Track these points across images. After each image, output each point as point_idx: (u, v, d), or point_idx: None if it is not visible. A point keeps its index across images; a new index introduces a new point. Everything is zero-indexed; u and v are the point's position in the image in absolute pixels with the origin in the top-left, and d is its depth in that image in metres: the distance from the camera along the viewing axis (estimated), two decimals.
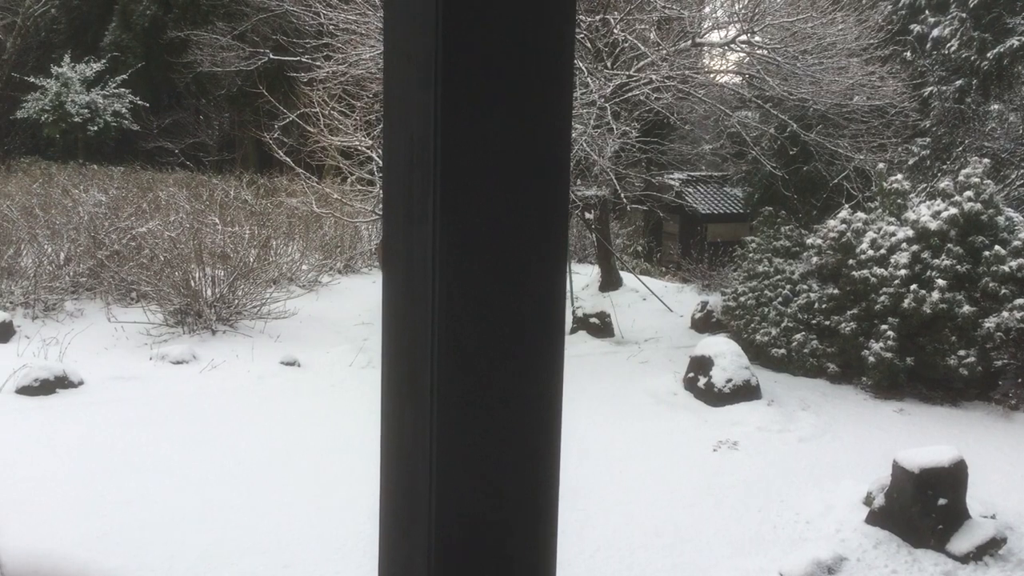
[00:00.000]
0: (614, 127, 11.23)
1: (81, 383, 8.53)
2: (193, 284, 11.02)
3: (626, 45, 11.80)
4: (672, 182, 18.98)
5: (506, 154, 0.86)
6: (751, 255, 11.62)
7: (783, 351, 10.16)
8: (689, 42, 12.08)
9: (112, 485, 6.18)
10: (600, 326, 11.72)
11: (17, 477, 6.26)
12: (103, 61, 29.52)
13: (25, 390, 8.15)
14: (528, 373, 0.92)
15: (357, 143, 12.33)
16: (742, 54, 13.29)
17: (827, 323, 10.00)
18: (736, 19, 12.45)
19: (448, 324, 0.87)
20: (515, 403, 0.92)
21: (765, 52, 12.44)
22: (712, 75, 14.17)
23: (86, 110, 28.82)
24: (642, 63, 11.71)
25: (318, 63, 13.15)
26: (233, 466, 6.64)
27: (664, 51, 11.74)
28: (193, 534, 5.45)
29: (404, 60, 0.89)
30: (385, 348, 0.99)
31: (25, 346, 9.72)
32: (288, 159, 13.26)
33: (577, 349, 10.69)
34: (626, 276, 14.62)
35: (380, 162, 12.29)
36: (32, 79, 29.22)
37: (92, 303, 11.83)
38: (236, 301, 11.28)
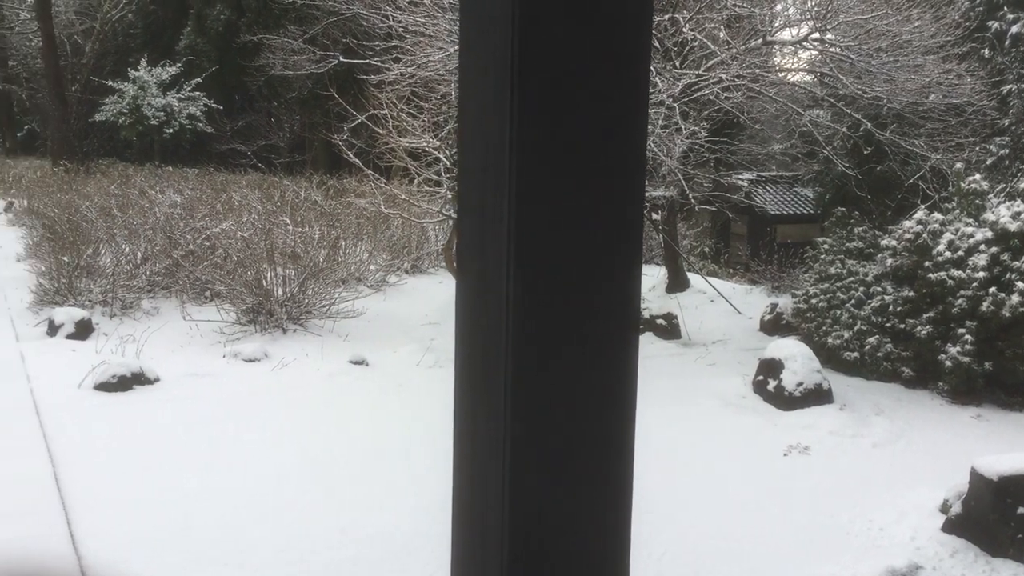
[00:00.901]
0: (682, 127, 11.13)
1: (157, 380, 8.73)
2: (265, 283, 11.21)
3: (695, 44, 11.69)
4: (741, 182, 18.74)
5: (582, 155, 0.85)
6: (823, 256, 11.41)
7: (856, 354, 9.96)
8: (760, 40, 11.92)
9: (186, 479, 6.32)
10: (667, 327, 11.63)
11: (96, 471, 6.44)
12: (178, 65, 30.23)
13: (103, 386, 8.38)
14: (602, 374, 0.92)
15: (425, 144, 12.41)
16: (814, 52, 13.07)
17: (902, 326, 9.77)
18: (808, 16, 12.25)
19: (522, 325, 0.87)
20: (589, 404, 0.91)
21: (838, 50, 12.21)
22: (783, 73, 13.96)
23: (162, 113, 29.53)
24: (711, 62, 11.59)
25: (387, 65, 13.28)
26: (303, 463, 6.74)
27: (734, 50, 11.60)
28: (264, 530, 5.54)
29: (480, 62, 0.89)
30: (458, 348, 0.99)
31: (103, 343, 9.99)
32: (357, 160, 13.42)
33: (644, 351, 10.54)
34: (693, 277, 14.48)
35: (447, 163, 12.37)
36: (110, 83, 30.04)
37: (168, 302, 12.13)
38: (306, 300, 11.45)
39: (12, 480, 6.17)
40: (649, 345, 11.04)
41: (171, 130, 29.75)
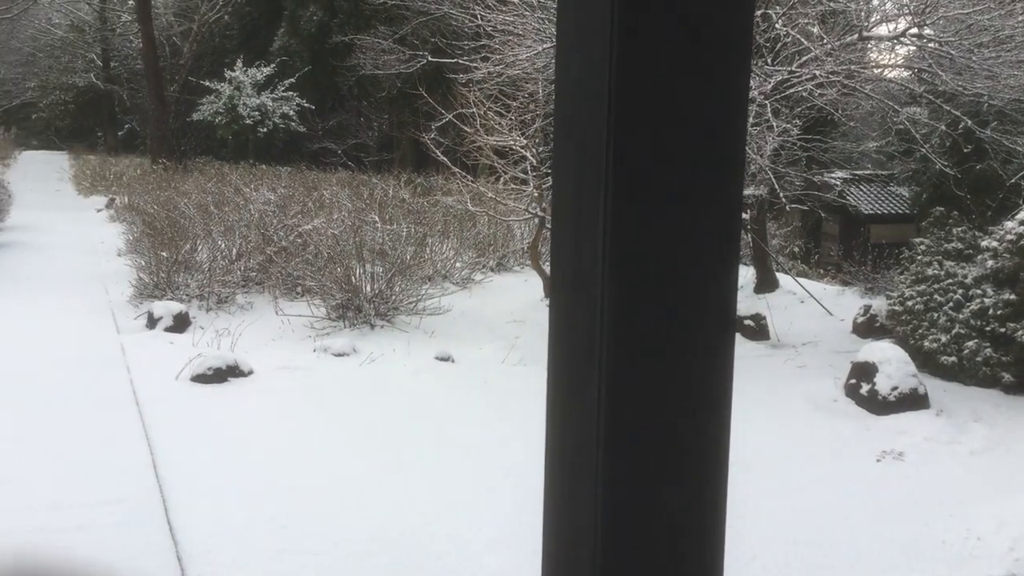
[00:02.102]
0: (774, 124, 10.94)
1: (251, 372, 8.96)
2: (354, 280, 11.40)
3: (788, 40, 11.47)
4: (834, 181, 18.34)
5: (680, 155, 0.84)
6: (920, 257, 11.08)
7: (953, 359, 9.65)
8: (856, 36, 11.63)
9: (279, 471, 6.47)
10: (755, 328, 11.45)
11: (192, 460, 6.64)
12: (272, 65, 30.89)
13: (199, 378, 8.63)
14: (698, 374, 0.90)
15: (512, 142, 12.47)
16: (912, 48, 12.70)
17: (1003, 330, 9.43)
18: (906, 11, 11.91)
19: (617, 324, 0.86)
20: (684, 405, 0.91)
21: (937, 45, 11.84)
22: (879, 70, 13.61)
23: (256, 112, 30.23)
24: (804, 58, 11.35)
25: (475, 64, 13.37)
26: (391, 457, 6.84)
27: (828, 45, 11.35)
28: (354, 521, 5.64)
29: (576, 61, 0.89)
30: (552, 345, 0.99)
31: (200, 336, 10.30)
32: (445, 159, 13.55)
33: None
34: (782, 278, 14.22)
35: (534, 161, 12.39)
36: (207, 83, 30.88)
37: (261, 296, 12.43)
38: (393, 297, 11.60)
39: (113, 468, 6.41)
40: (737, 346, 10.70)
41: (265, 129, 30.44)
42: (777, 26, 11.35)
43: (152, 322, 10.86)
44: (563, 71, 0.94)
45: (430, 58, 17.48)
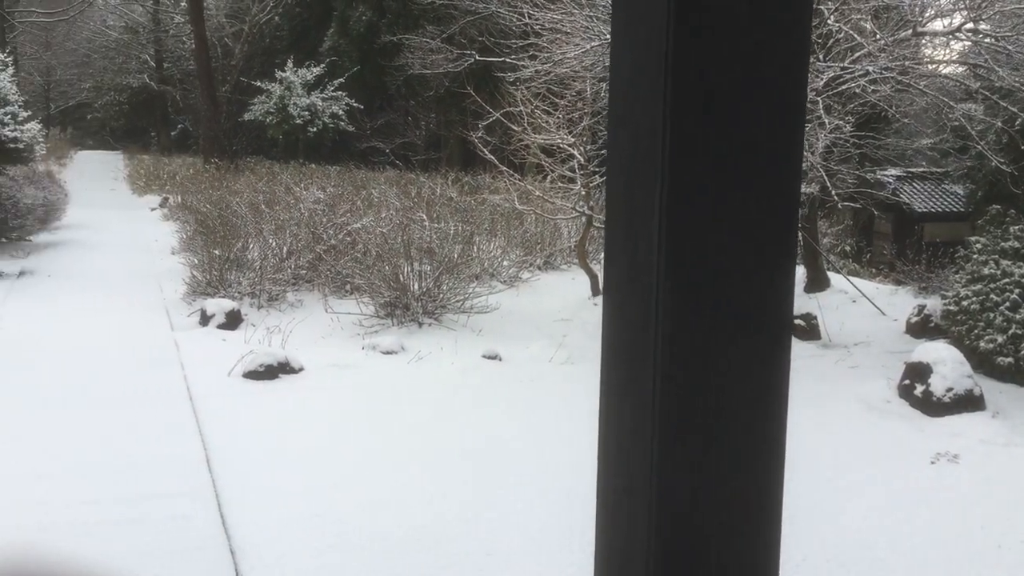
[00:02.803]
0: (826, 121, 10.80)
1: (301, 369, 9.06)
2: (402, 278, 11.47)
3: (840, 36, 11.31)
4: (887, 179, 18.05)
5: (737, 153, 0.84)
6: (975, 256, 10.86)
7: (1010, 360, 9.45)
8: (909, 31, 11.44)
9: (329, 467, 6.54)
10: (806, 328, 11.31)
11: (245, 455, 6.73)
12: (322, 65, 31.18)
13: (251, 374, 8.75)
14: (753, 373, 0.90)
15: (559, 141, 12.46)
16: (967, 43, 12.45)
17: None
18: (961, 6, 11.68)
19: (672, 320, 0.85)
20: (739, 404, 0.90)
21: (993, 40, 11.60)
22: (934, 66, 13.36)
23: (306, 112, 30.55)
24: (857, 54, 11.19)
25: (523, 63, 13.38)
26: (438, 455, 6.87)
27: (882, 41, 11.17)
28: (398, 518, 5.68)
29: (632, 56, 0.88)
30: (605, 344, 0.98)
31: (251, 333, 10.44)
32: (492, 157, 13.58)
33: None
34: (834, 277, 14.02)
35: (581, 159, 12.37)
36: (258, 83, 31.25)
37: (311, 294, 12.57)
38: (441, 295, 11.66)
39: (168, 462, 6.52)
40: None
41: (315, 129, 30.76)
42: (829, 22, 11.19)
43: (205, 319, 11.04)
44: (617, 67, 0.94)
45: (478, 57, 17.52)
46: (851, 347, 10.83)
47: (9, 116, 14.65)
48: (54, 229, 19.50)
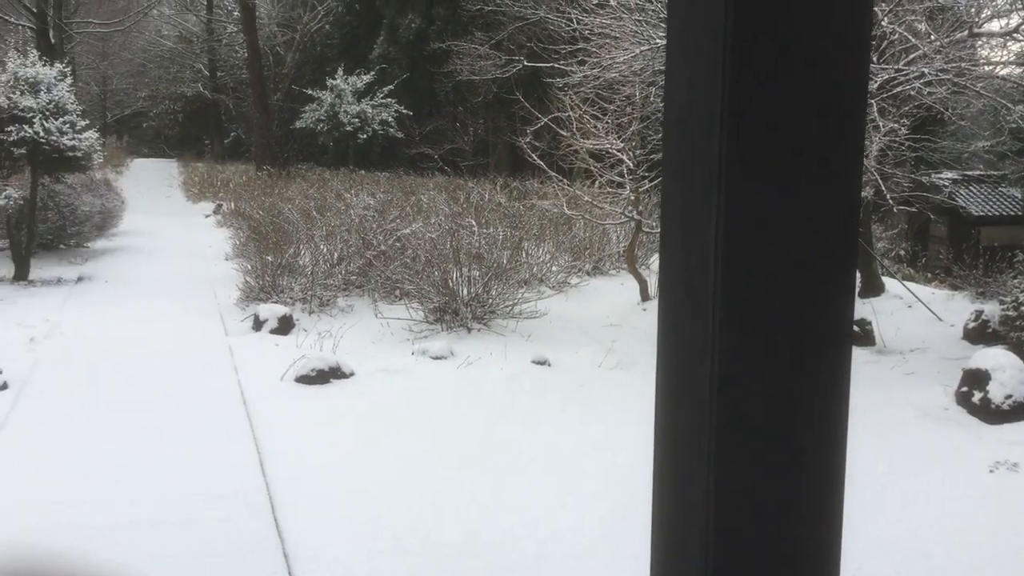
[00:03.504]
0: (880, 124, 10.64)
1: (352, 374, 9.14)
2: (451, 283, 11.52)
3: (894, 37, 11.14)
4: (942, 182, 17.73)
5: (797, 154, 0.83)
6: None
7: None
8: (965, 32, 11.23)
9: (380, 471, 6.59)
10: (860, 333, 11.13)
11: (297, 459, 6.80)
12: (372, 73, 31.44)
13: (303, 379, 8.84)
14: (813, 380, 0.89)
15: (608, 146, 12.43)
16: None
17: None
18: (1019, 6, 11.45)
19: (730, 325, 0.85)
20: (799, 408, 0.89)
21: None
22: (991, 67, 13.10)
23: (356, 119, 30.83)
24: (912, 56, 11.02)
25: (571, 68, 13.38)
26: (489, 459, 6.88)
27: (937, 43, 10.98)
28: (450, 524, 5.70)
29: (688, 61, 0.88)
30: (661, 346, 0.98)
31: (303, 338, 10.55)
32: (541, 162, 13.59)
33: None
34: (888, 282, 13.80)
35: (630, 164, 12.32)
36: (309, 91, 31.63)
37: (361, 299, 12.68)
38: (490, 300, 11.68)
39: (222, 464, 6.62)
40: None
41: (365, 136, 31.02)
42: (883, 23, 11.04)
43: (258, 324, 11.18)
44: (672, 72, 0.93)
45: (526, 62, 17.57)
46: (907, 353, 10.64)
47: (68, 125, 14.97)
48: (111, 235, 19.92)
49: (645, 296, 12.99)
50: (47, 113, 14.79)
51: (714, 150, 0.84)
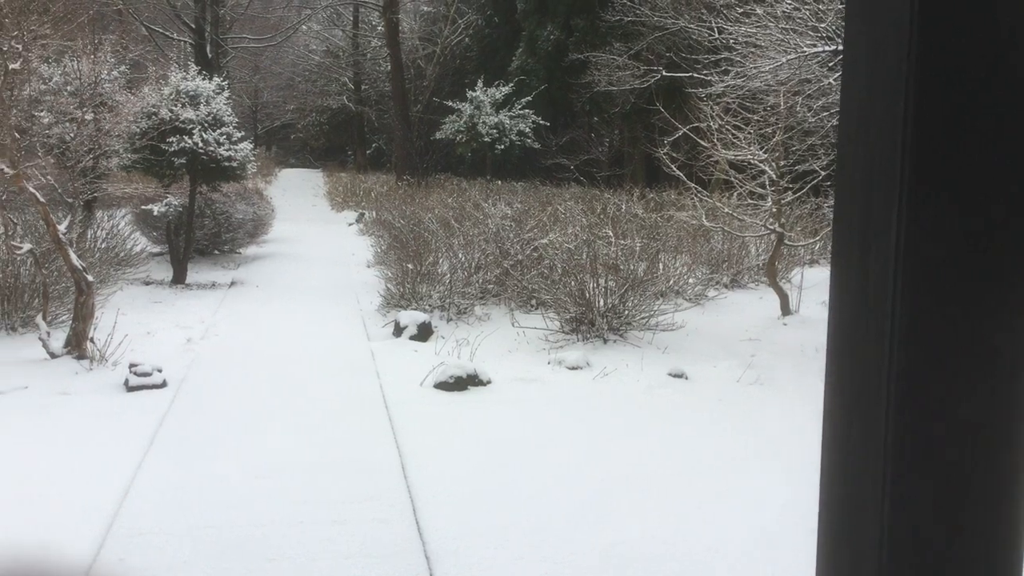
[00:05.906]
0: None
1: (489, 382, 9.27)
2: (587, 294, 11.54)
3: None
4: None
5: (986, 165, 0.80)
6: None
7: None
8: None
9: (518, 478, 6.66)
10: None
11: (437, 463, 6.95)
12: (510, 84, 31.80)
13: (442, 385, 9.03)
14: (996, 402, 0.85)
15: (750, 156, 12.22)
16: None
17: None
18: None
19: (910, 343, 0.83)
20: (980, 431, 0.86)
21: None
22: None
23: (495, 130, 31.24)
24: None
25: (712, 78, 13.22)
26: (627, 471, 6.86)
27: None
28: (589, 534, 5.71)
29: (867, 70, 0.86)
30: (831, 363, 0.96)
31: (441, 345, 10.77)
32: (679, 173, 13.47)
33: None
34: None
35: (773, 175, 12.08)
36: (449, 103, 32.27)
37: (497, 308, 12.84)
38: (626, 312, 11.64)
39: (365, 467, 6.82)
40: None
41: (502, 146, 31.41)
42: None
43: (398, 330, 11.47)
44: (850, 82, 0.90)
45: (665, 72, 17.44)
46: None
47: (224, 136, 15.74)
48: (261, 242, 20.80)
49: (786, 310, 12.69)
50: (205, 124, 15.60)
51: (896, 165, 0.81)
